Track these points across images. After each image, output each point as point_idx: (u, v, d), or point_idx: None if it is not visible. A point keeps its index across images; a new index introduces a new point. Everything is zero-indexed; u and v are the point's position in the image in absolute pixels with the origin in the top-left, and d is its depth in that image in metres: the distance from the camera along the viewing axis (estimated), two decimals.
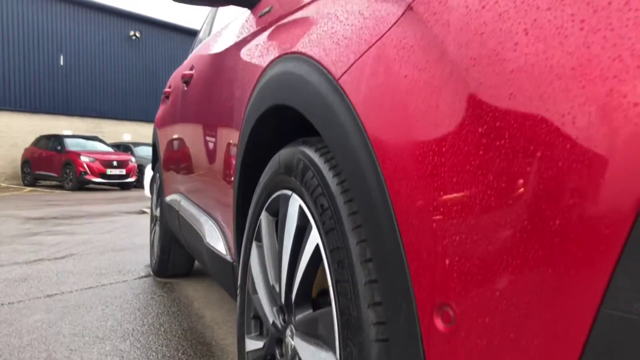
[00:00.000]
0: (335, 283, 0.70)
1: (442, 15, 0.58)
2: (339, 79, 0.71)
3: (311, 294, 0.88)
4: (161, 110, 3.05)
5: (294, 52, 0.87)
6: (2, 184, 14.82)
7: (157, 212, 3.07)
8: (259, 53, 1.09)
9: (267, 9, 1.18)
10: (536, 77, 0.48)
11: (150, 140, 17.01)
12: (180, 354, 1.82)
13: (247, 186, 1.17)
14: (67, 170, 12.96)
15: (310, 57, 0.80)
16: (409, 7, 0.62)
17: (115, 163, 13.15)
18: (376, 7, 0.69)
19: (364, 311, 0.65)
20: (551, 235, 0.46)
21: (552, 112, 0.47)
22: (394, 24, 0.64)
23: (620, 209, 0.41)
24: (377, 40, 0.66)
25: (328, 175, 0.77)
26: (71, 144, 13.60)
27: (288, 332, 0.91)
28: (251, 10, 1.39)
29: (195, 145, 1.95)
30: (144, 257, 3.70)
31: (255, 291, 1.05)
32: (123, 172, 13.26)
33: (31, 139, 14.95)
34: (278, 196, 0.96)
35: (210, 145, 1.64)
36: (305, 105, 0.81)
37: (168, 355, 1.81)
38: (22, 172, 14.70)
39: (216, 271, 1.52)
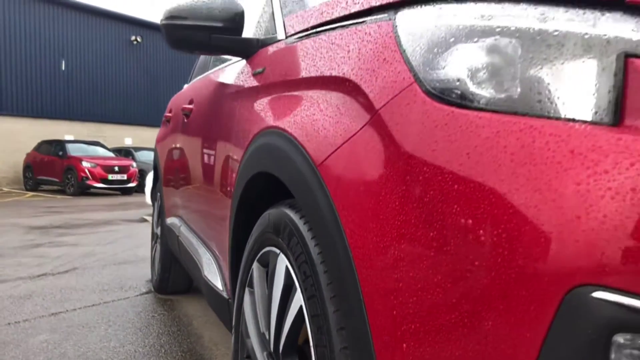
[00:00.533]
0: (315, 347, 0.80)
1: (403, 126, 0.67)
2: (319, 165, 0.81)
3: (297, 344, 0.97)
4: (162, 132, 3.14)
5: (282, 129, 0.96)
6: (5, 189, 14.93)
7: (158, 231, 3.17)
8: (252, 117, 1.19)
9: (260, 70, 1.28)
10: (475, 197, 0.58)
11: (151, 145, 17.10)
12: None
13: (240, 234, 1.27)
14: (69, 176, 13.07)
15: (295, 138, 0.89)
16: (377, 113, 0.72)
17: (116, 168, 13.27)
18: (351, 105, 0.78)
19: None
20: (485, 335, 0.55)
21: (487, 230, 0.56)
22: (364, 125, 0.74)
23: (529, 343, 0.51)
24: (350, 137, 0.76)
25: (310, 243, 0.86)
26: (73, 149, 13.71)
27: None
28: (247, 60, 1.49)
29: (193, 177, 2.04)
30: (145, 272, 3.79)
31: (247, 335, 1.15)
32: (124, 177, 13.37)
33: (33, 143, 15.05)
34: (268, 251, 1.06)
35: (208, 182, 1.74)
36: (289, 180, 0.91)
37: None
38: (24, 177, 14.82)
39: (213, 304, 1.62)
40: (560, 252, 0.51)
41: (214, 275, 1.59)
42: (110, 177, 13.10)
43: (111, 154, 14.43)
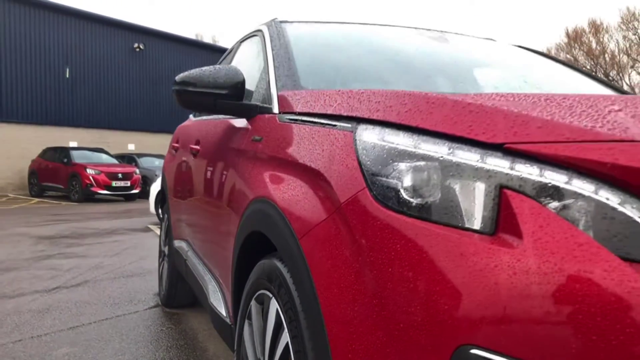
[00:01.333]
0: None
1: (357, 221, 0.94)
2: (300, 239, 1.08)
3: None
4: (169, 158, 3.42)
5: (274, 201, 1.23)
6: (11, 195, 15.23)
7: (166, 250, 3.43)
8: (252, 180, 1.46)
9: (259, 138, 1.55)
10: (401, 280, 0.84)
11: (153, 150, 17.43)
12: None
13: (241, 275, 1.54)
14: (74, 182, 13.36)
15: (284, 212, 1.16)
16: (340, 207, 0.98)
17: (120, 175, 13.56)
18: (322, 194, 1.05)
19: None
20: None
21: (408, 304, 0.82)
22: (331, 214, 1.00)
23: None
24: (321, 222, 1.02)
25: (294, 294, 1.13)
26: (77, 156, 14.02)
27: None
28: (248, 120, 1.75)
29: (199, 212, 2.31)
30: (152, 285, 4.05)
31: (247, 358, 1.41)
32: (128, 184, 13.66)
33: (38, 150, 15.36)
34: (263, 294, 1.32)
35: (212, 221, 2.01)
36: (278, 244, 1.18)
37: None
38: (29, 183, 15.12)
39: (218, 328, 1.88)
40: (451, 322, 0.77)
41: (218, 303, 1.86)
42: (114, 183, 13.39)
43: (115, 161, 14.72)
